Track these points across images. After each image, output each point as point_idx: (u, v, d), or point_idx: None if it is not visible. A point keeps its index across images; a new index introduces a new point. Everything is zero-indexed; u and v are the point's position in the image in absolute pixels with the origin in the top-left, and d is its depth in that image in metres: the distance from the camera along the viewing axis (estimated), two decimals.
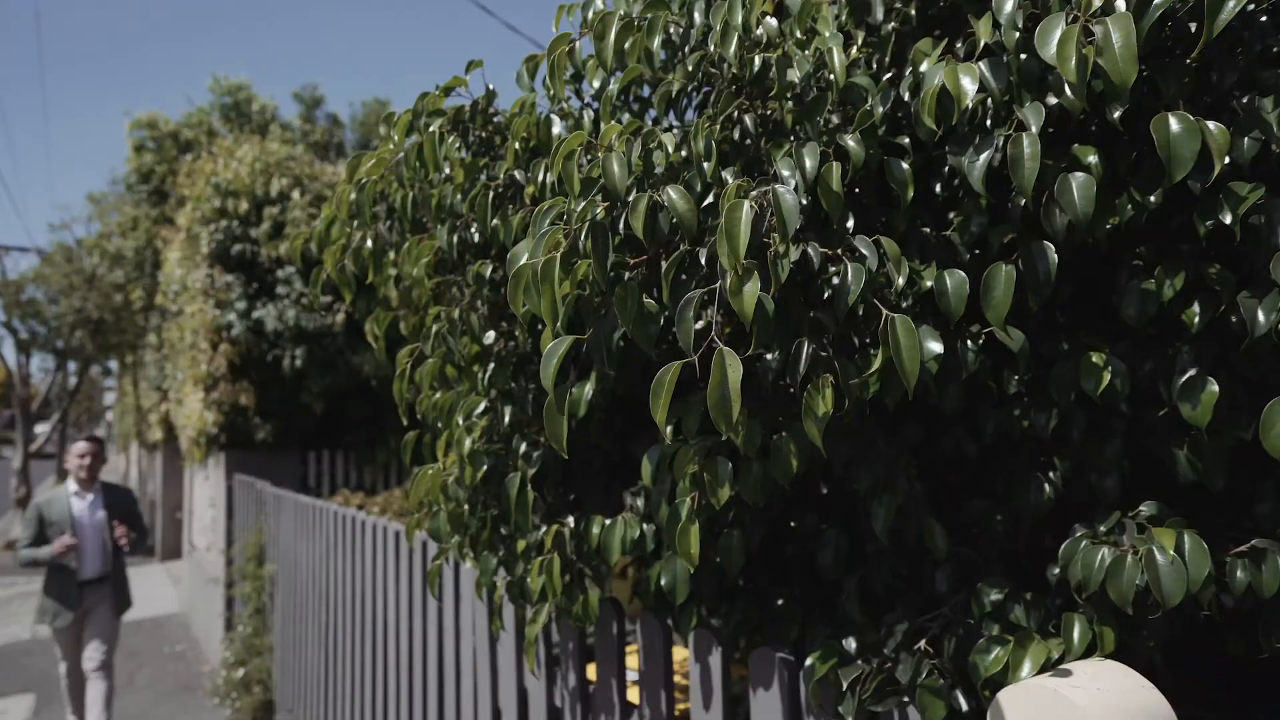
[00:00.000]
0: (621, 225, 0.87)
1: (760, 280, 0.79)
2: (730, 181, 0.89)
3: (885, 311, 0.81)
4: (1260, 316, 0.82)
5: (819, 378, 0.84)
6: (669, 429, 1.12)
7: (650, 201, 0.85)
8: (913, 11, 1.05)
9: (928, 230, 1.06)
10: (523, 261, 0.87)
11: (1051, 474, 1.13)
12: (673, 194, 0.85)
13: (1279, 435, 0.81)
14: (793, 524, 1.36)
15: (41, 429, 18.05)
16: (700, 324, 0.95)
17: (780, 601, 1.47)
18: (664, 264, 0.86)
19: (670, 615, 1.49)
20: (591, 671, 1.66)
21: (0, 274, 13.12)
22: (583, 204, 0.87)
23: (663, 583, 1.21)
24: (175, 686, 6.13)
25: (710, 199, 0.93)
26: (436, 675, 2.33)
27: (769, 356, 0.95)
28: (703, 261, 0.86)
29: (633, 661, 1.83)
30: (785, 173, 0.87)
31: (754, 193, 0.83)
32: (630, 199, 0.85)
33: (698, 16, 1.01)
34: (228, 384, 5.66)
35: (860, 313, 0.87)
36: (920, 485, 1.12)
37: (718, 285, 0.82)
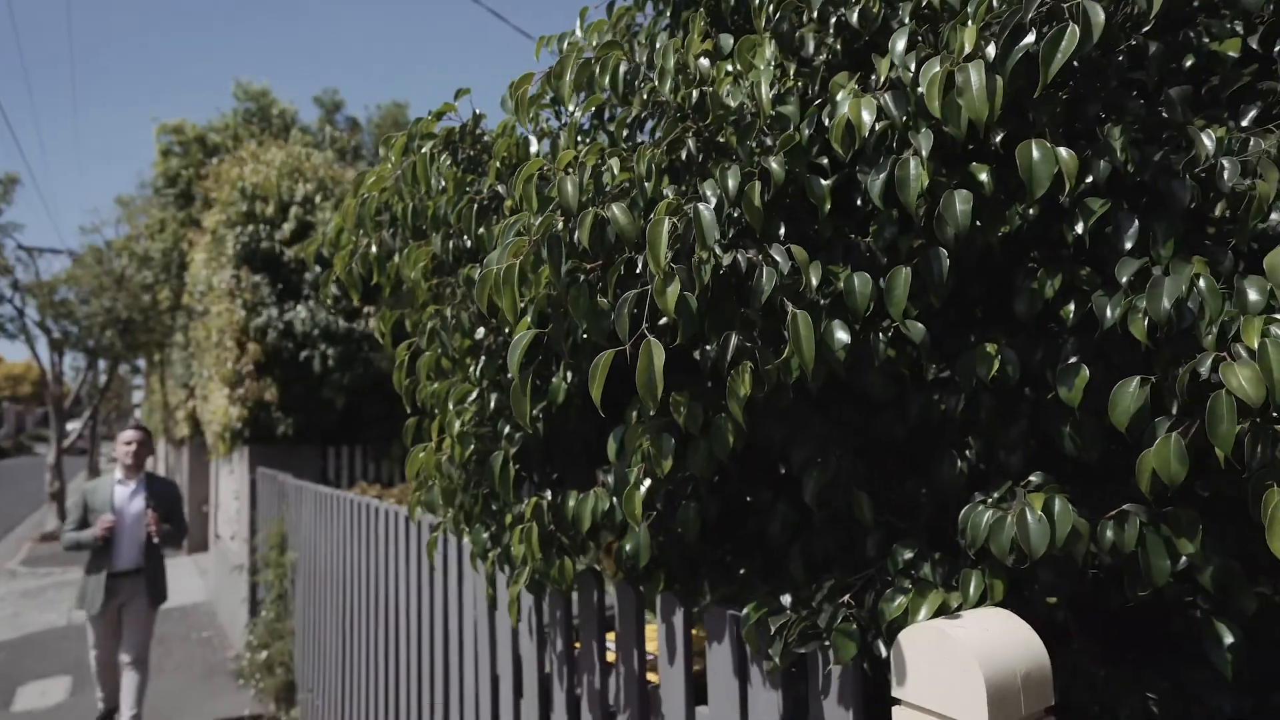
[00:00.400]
0: (576, 236, 1.03)
1: (687, 281, 0.95)
2: (671, 197, 1.05)
3: (791, 308, 0.96)
4: (1108, 312, 0.97)
5: (740, 364, 1.00)
6: (634, 413, 1.29)
7: (596, 216, 1.02)
8: (839, 47, 1.21)
9: (853, 236, 1.21)
10: (491, 267, 1.04)
11: (967, 452, 1.28)
12: (616, 210, 1.01)
13: (1123, 411, 0.96)
14: (749, 499, 1.52)
15: (73, 426, 18.53)
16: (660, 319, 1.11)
17: (742, 571, 1.63)
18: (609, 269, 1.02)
19: (643, 584, 1.65)
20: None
21: (34, 275, 13.52)
22: (541, 218, 1.04)
23: (627, 549, 1.37)
24: (202, 671, 6.40)
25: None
26: (443, 647, 2.51)
27: (708, 347, 1.11)
28: (639, 268, 1.02)
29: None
30: (708, 192, 1.03)
31: (686, 207, 0.99)
32: (580, 214, 1.02)
33: (641, 57, 1.17)
34: (252, 381, 5.90)
35: (777, 308, 1.03)
36: (852, 462, 1.28)
37: (649, 286, 0.99)
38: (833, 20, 1.20)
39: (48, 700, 5.77)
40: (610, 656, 1.81)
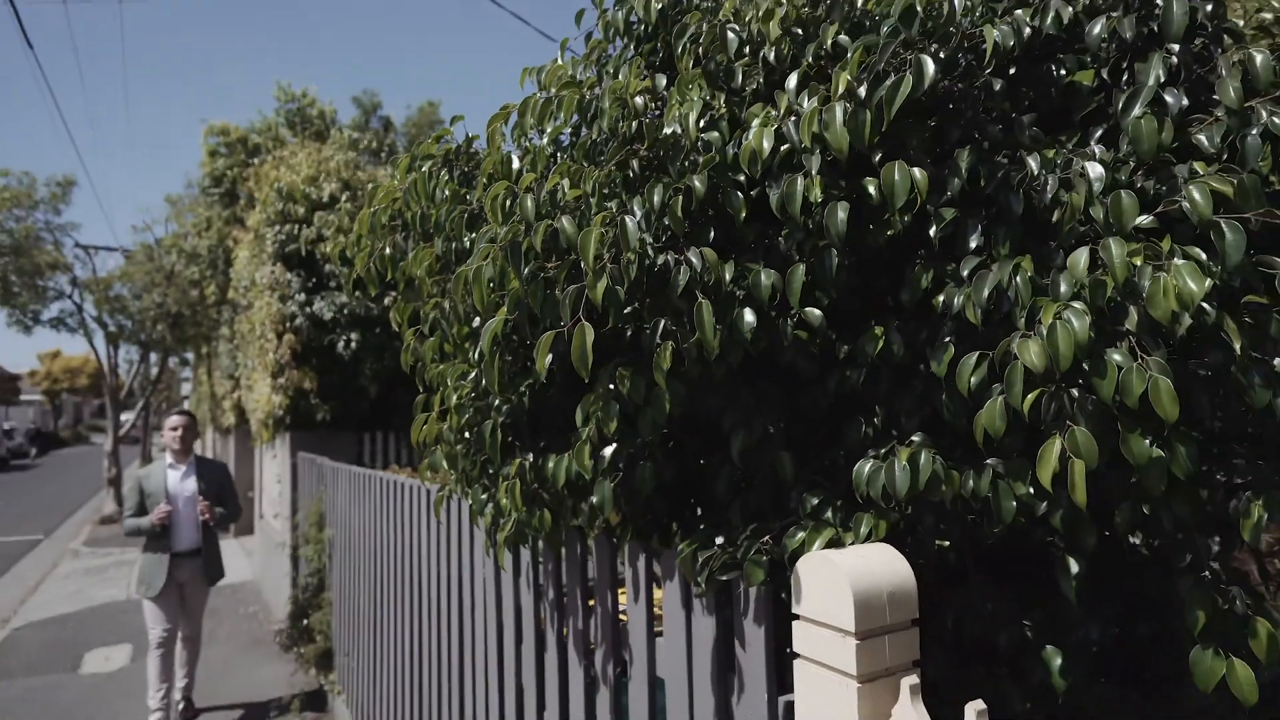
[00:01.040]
0: (537, 242, 1.30)
1: (617, 277, 1.21)
2: (611, 209, 1.31)
3: (700, 298, 1.21)
4: (955, 300, 1.20)
5: (663, 342, 1.25)
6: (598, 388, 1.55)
7: (548, 227, 1.28)
8: (762, 79, 1.44)
9: (770, 239, 1.46)
10: (464, 268, 1.31)
11: (875, 420, 1.52)
12: (565, 221, 1.27)
13: (965, 381, 1.19)
14: (703, 463, 1.78)
15: (127, 417, 19.40)
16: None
17: (702, 526, 1.89)
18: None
19: (617, 538, 1.92)
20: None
21: (92, 272, 14.22)
22: (506, 228, 1.30)
23: (594, 500, 1.63)
24: (249, 641, 6.85)
25: None
26: (458, 604, 2.81)
27: (647, 330, 1.37)
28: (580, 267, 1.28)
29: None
30: (636, 208, 1.28)
31: (619, 218, 1.24)
32: (537, 225, 1.28)
33: (590, 93, 1.43)
34: (292, 370, 6.29)
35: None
36: (776, 428, 1.53)
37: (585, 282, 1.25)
38: (760, 55, 1.45)
39: (111, 665, 6.26)
40: (592, 602, 2.08)
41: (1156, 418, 1.07)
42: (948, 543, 1.50)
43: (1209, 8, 1.28)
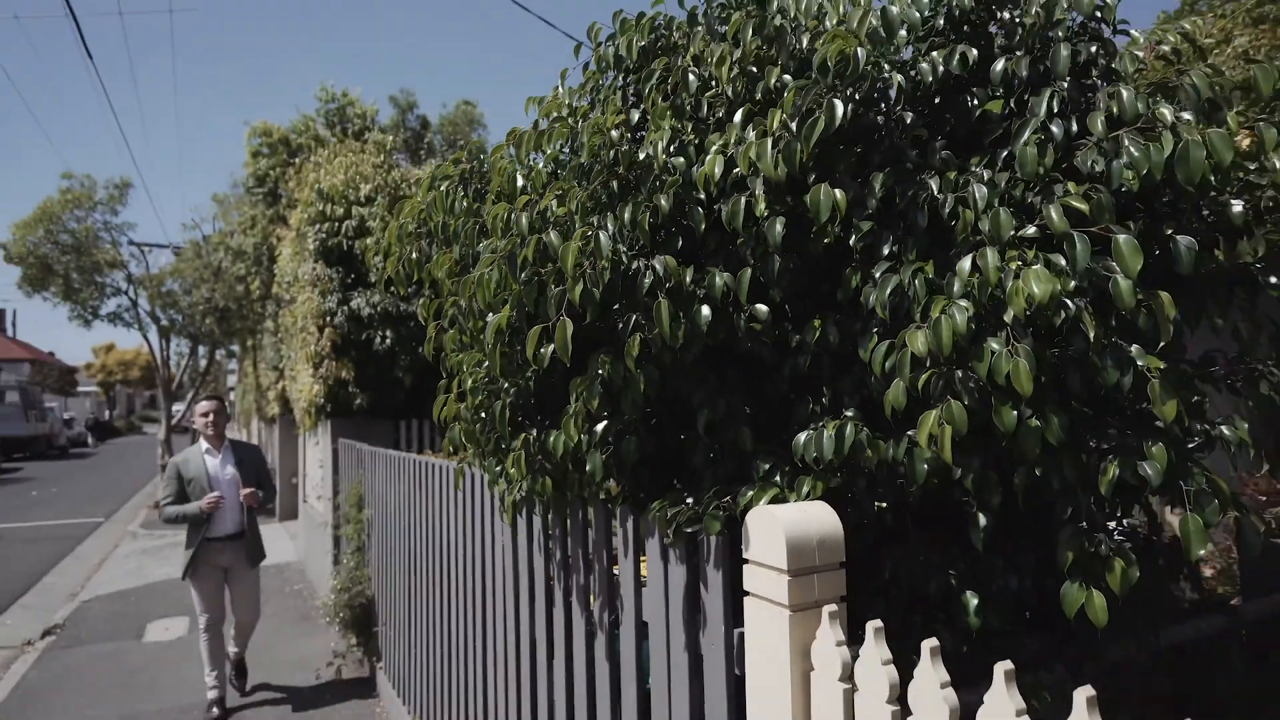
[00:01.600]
0: (530, 252, 1.57)
1: (593, 280, 1.48)
2: (593, 223, 1.58)
3: (661, 298, 1.48)
4: (871, 298, 1.45)
5: (632, 335, 1.53)
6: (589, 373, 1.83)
7: (538, 240, 1.56)
8: (724, 111, 1.70)
9: (732, 247, 1.72)
10: (470, 274, 1.59)
11: (822, 400, 1.78)
12: (552, 235, 1.55)
13: (878, 364, 1.45)
14: (682, 437, 2.05)
15: (177, 407, 20.25)
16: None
17: (683, 491, 2.16)
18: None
19: (612, 504, 2.20)
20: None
21: (145, 269, 14.90)
22: (504, 241, 1.58)
23: (588, 468, 1.92)
24: (295, 616, 7.31)
25: None
26: (479, 570, 3.13)
27: (620, 325, 1.64)
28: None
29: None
30: (609, 223, 1.55)
31: (596, 232, 1.52)
32: (530, 238, 1.56)
33: (580, 123, 1.70)
34: (331, 361, 6.69)
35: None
36: (738, 407, 1.79)
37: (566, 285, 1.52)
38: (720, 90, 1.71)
39: (170, 635, 6.75)
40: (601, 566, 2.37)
41: (1027, 394, 1.31)
42: (885, 504, 1.76)
43: (1093, 49, 1.50)
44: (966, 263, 1.34)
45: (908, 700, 1.26)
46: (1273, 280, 1.73)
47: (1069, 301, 1.32)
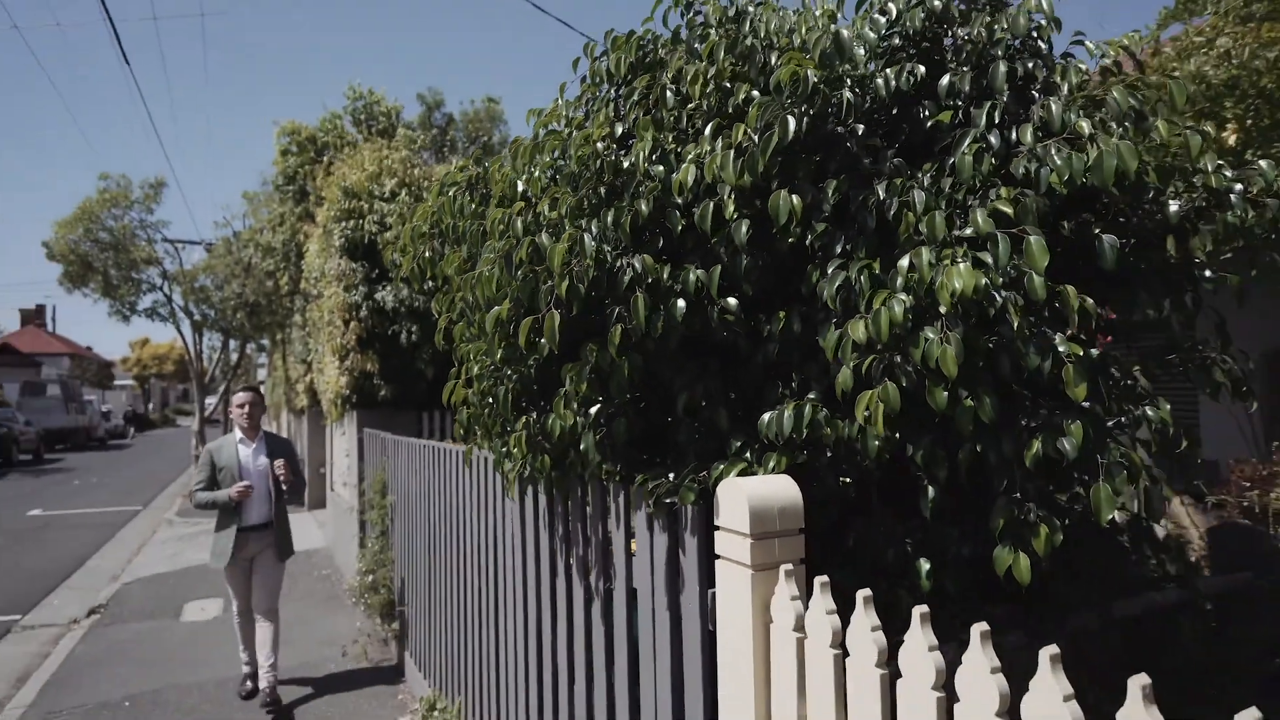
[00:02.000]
0: (523, 253, 1.77)
1: (580, 277, 1.67)
2: (581, 225, 1.77)
3: (639, 292, 1.67)
4: (825, 291, 1.62)
5: (614, 325, 1.71)
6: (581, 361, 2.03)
7: (531, 242, 1.75)
8: (700, 122, 1.88)
9: (709, 245, 1.90)
10: (471, 273, 1.79)
11: (791, 384, 1.95)
12: (544, 237, 1.73)
13: (830, 348, 1.62)
14: (669, 420, 2.24)
15: (210, 400, 20.79)
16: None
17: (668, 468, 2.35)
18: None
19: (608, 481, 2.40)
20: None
21: (179, 265, 15.37)
22: (501, 243, 1.78)
23: (582, 447, 2.11)
24: (323, 598, 7.62)
25: None
26: (493, 545, 3.35)
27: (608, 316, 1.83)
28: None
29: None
30: (594, 226, 1.73)
31: (584, 234, 1.71)
32: (524, 240, 1.75)
33: (573, 132, 1.89)
34: (356, 354, 6.96)
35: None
36: (715, 390, 1.97)
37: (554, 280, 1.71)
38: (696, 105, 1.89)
39: (206, 615, 7.09)
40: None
41: (960, 377, 1.49)
42: (849, 480, 1.93)
43: (1030, 65, 1.66)
44: (906, 260, 1.51)
45: (846, 644, 1.44)
46: (1208, 274, 1.87)
47: (997, 294, 1.49)
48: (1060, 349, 1.49)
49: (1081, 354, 1.48)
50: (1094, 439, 1.49)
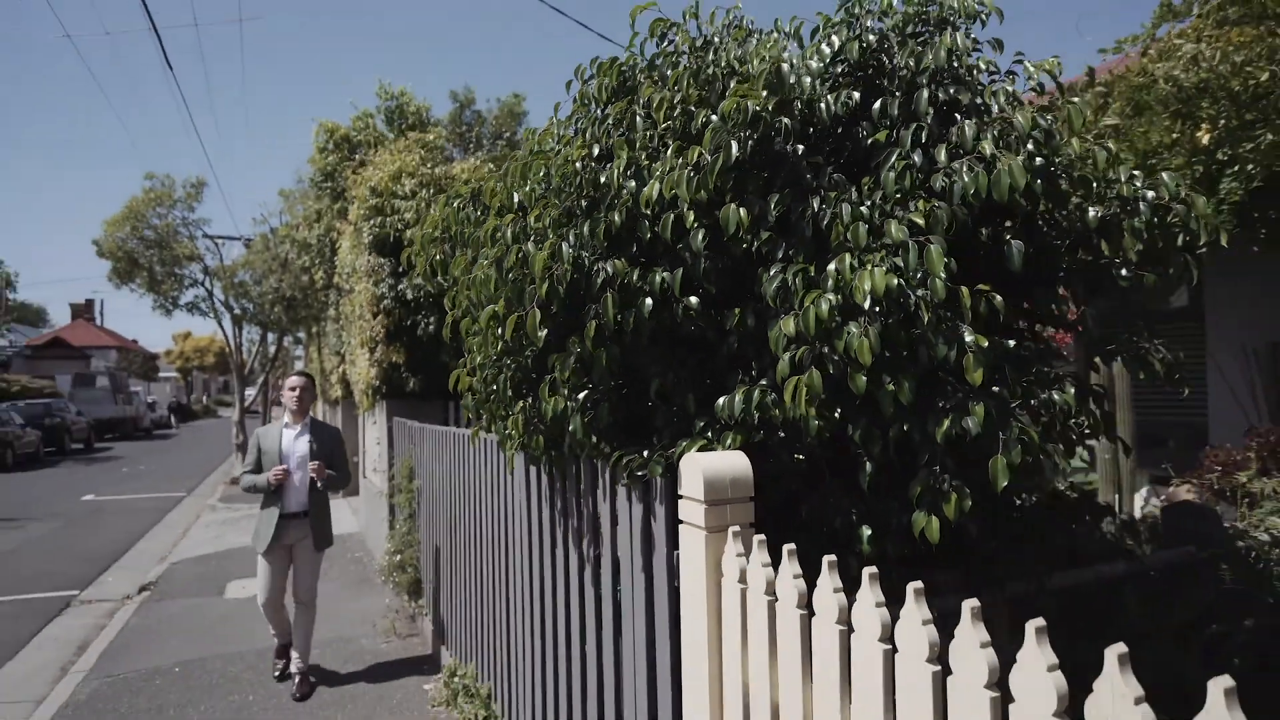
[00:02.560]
0: (512, 259, 2.04)
1: (560, 279, 1.94)
2: (563, 234, 2.04)
3: (610, 292, 1.93)
4: (770, 288, 1.87)
5: (590, 321, 1.98)
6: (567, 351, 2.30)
7: (518, 249, 2.02)
8: (670, 140, 2.13)
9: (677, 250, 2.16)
10: (466, 275, 2.07)
11: (751, 373, 2.21)
12: (529, 245, 2.01)
13: (775, 343, 1.87)
14: (649, 404, 2.50)
15: (250, 391, 21.49)
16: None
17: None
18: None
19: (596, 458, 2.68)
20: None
21: (219, 261, 15.97)
22: (495, 249, 2.05)
23: (571, 428, 2.39)
24: (355, 579, 8.04)
25: None
26: (503, 522, 3.65)
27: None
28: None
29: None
30: (571, 236, 2.00)
31: (563, 243, 1.97)
32: (512, 247, 2.03)
33: (562, 149, 2.16)
34: (384, 346, 7.33)
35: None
36: (684, 378, 2.24)
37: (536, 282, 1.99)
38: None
39: (247, 593, 7.54)
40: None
41: (882, 365, 1.73)
42: (801, 456, 2.18)
43: (952, 90, 1.88)
44: (833, 265, 1.76)
45: (775, 591, 1.70)
46: (1124, 273, 2.09)
47: (911, 294, 1.73)
48: (968, 340, 1.73)
49: (985, 344, 1.72)
50: (996, 418, 1.73)
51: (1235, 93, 3.18)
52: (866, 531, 2.08)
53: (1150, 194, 2.00)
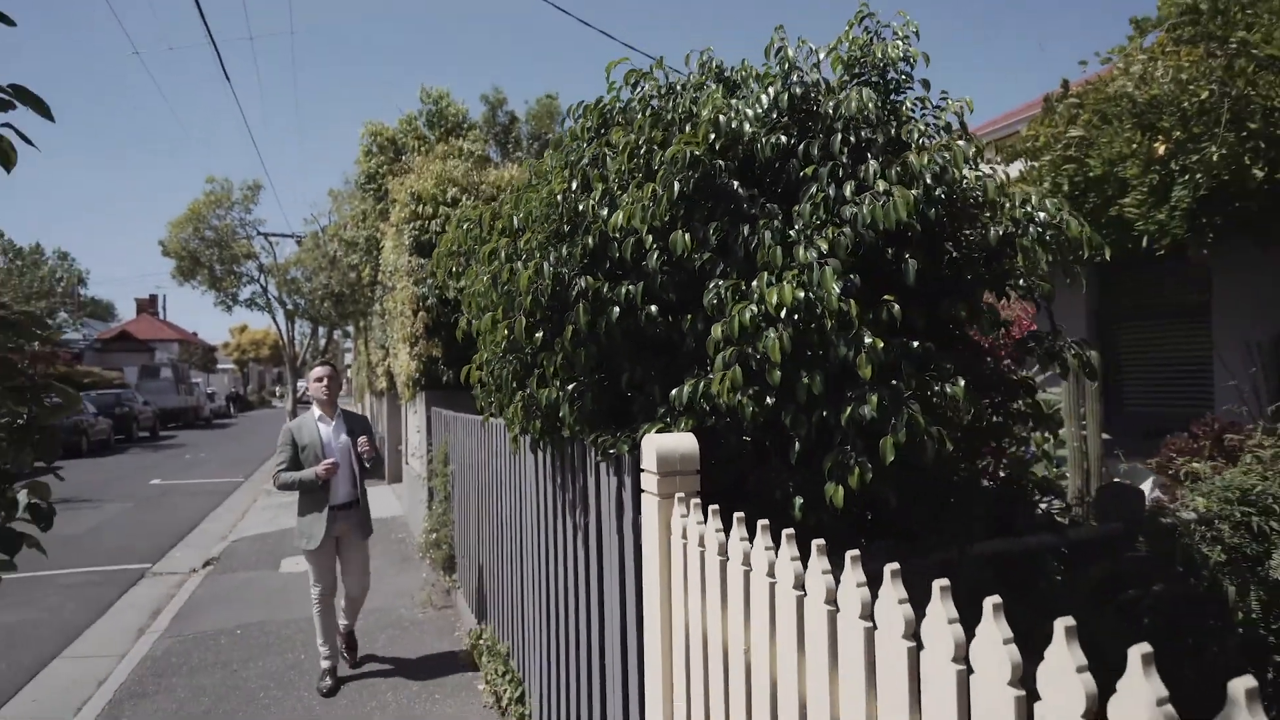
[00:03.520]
0: (504, 276, 2.49)
1: (541, 293, 2.38)
2: (541, 257, 2.48)
3: (582, 302, 2.36)
4: (708, 299, 2.29)
5: (567, 327, 2.43)
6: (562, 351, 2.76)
7: (510, 268, 2.46)
8: (638, 175, 2.56)
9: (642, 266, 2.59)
10: (469, 286, 2.53)
11: (707, 368, 2.63)
12: (519, 264, 2.45)
13: (714, 345, 2.29)
14: (629, 395, 2.95)
15: (302, 383, 22.52)
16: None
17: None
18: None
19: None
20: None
21: (273, 259, 16.86)
22: (491, 265, 2.50)
23: (561, 414, 2.85)
24: (398, 558, 8.66)
25: None
26: (517, 499, 4.14)
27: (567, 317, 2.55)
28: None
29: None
30: (553, 256, 2.44)
31: (544, 262, 2.42)
32: (505, 265, 2.47)
33: (551, 181, 2.61)
34: (424, 340, 7.90)
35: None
36: (650, 373, 2.67)
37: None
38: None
39: (300, 568, 8.20)
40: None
41: (796, 362, 2.14)
42: (748, 439, 2.60)
43: (864, 133, 2.27)
44: (756, 281, 2.17)
45: (728, 551, 2.13)
46: (1020, 283, 2.45)
47: (818, 305, 2.13)
48: (867, 342, 2.12)
49: (881, 346, 2.11)
50: (890, 406, 2.12)
51: (1184, 109, 3.44)
52: (799, 501, 2.48)
53: (1042, 215, 2.36)
